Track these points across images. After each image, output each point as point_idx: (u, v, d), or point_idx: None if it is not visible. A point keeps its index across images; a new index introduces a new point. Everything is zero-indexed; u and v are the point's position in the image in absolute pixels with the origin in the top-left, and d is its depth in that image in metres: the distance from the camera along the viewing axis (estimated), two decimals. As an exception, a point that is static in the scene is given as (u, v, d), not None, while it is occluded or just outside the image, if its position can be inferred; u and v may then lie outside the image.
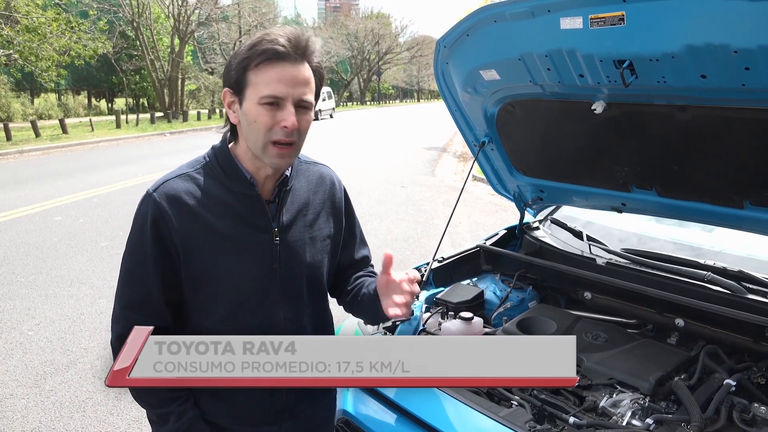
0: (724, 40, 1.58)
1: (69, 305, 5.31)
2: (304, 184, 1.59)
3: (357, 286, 1.69)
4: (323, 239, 1.60)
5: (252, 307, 1.49)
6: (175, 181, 1.46)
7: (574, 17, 1.79)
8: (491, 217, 8.88)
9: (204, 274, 1.46)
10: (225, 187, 1.47)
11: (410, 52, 74.00)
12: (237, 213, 1.47)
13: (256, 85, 1.37)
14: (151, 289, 1.45)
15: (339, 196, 1.67)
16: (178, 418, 1.46)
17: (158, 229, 1.43)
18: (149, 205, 1.44)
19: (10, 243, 7.28)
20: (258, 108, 1.37)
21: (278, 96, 1.35)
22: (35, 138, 19.97)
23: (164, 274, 1.45)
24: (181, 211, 1.43)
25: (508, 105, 2.44)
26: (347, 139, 22.22)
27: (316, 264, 1.57)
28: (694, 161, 2.14)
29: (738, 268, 2.25)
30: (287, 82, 1.36)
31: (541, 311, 2.42)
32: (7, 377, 4.06)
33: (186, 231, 1.43)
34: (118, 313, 1.49)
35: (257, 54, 1.36)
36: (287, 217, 1.52)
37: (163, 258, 1.44)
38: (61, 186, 11.20)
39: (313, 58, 1.42)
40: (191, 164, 1.51)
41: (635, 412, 1.79)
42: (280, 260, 1.50)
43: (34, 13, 17.67)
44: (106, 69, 33.80)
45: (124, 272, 1.49)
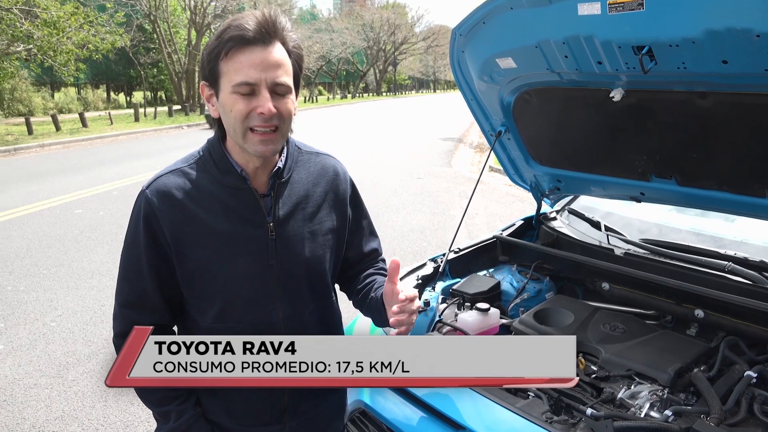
0: (746, 24, 1.54)
1: (90, 297, 5.39)
2: (303, 175, 1.52)
3: (367, 286, 1.64)
4: (325, 233, 1.53)
5: (248, 305, 1.45)
6: (168, 177, 1.43)
7: (592, 3, 1.76)
8: (508, 207, 8.83)
9: (197, 270, 1.43)
10: (217, 181, 1.43)
11: (426, 42, 73.63)
12: (230, 208, 1.42)
13: (228, 74, 1.32)
14: (147, 286, 1.43)
15: (343, 188, 1.60)
16: (177, 417, 1.45)
17: (150, 225, 1.41)
18: (142, 201, 1.42)
19: (32, 235, 7.41)
20: (232, 97, 1.32)
21: (250, 82, 1.30)
22: (56, 132, 20.28)
23: (159, 271, 1.43)
24: (172, 207, 1.40)
25: (524, 93, 2.41)
26: (363, 131, 22.21)
27: (317, 259, 1.51)
28: (714, 149, 2.09)
29: (760, 259, 2.21)
30: (258, 66, 1.30)
31: (559, 302, 2.40)
32: (31, 367, 4.14)
33: (177, 227, 1.40)
34: (117, 310, 1.48)
35: (225, 41, 1.31)
36: (284, 210, 1.46)
37: (156, 255, 1.42)
38: (82, 179, 11.37)
39: (286, 38, 1.35)
40: (186, 159, 1.48)
41: (654, 403, 1.77)
42: (277, 256, 1.45)
43: (53, 8, 17.85)
44: (124, 62, 34.18)
45: (121, 270, 1.48)
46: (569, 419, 1.75)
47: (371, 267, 1.71)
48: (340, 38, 55.27)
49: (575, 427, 1.70)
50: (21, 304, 5.23)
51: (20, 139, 18.09)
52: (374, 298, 1.57)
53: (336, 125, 23.38)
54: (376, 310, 1.55)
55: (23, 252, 6.74)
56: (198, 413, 1.49)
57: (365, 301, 1.61)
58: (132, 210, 1.46)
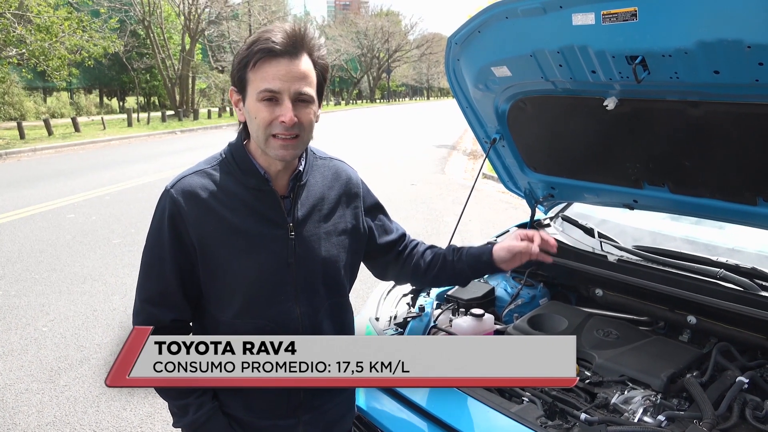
0: (738, 36, 1.57)
1: (82, 302, 5.36)
2: (319, 179, 1.60)
3: (436, 256, 1.78)
4: (339, 234, 1.60)
5: (268, 301, 1.51)
6: (192, 178, 1.49)
7: (586, 13, 1.79)
8: (502, 214, 8.86)
9: (220, 268, 1.48)
10: (240, 182, 1.50)
11: (420, 49, 73.88)
12: (252, 208, 1.49)
13: (255, 82, 1.40)
14: (169, 283, 1.48)
15: (356, 191, 1.68)
16: (197, 409, 1.48)
17: (175, 224, 1.46)
18: (167, 201, 1.48)
19: (24, 240, 7.36)
20: (257, 104, 1.40)
21: (274, 90, 1.38)
22: (48, 136, 20.16)
23: (182, 269, 1.48)
24: (197, 207, 1.46)
25: (519, 102, 2.43)
26: (356, 137, 22.22)
27: (331, 258, 1.57)
28: (706, 158, 2.12)
29: (751, 266, 2.24)
30: (283, 77, 1.38)
31: (552, 308, 2.42)
32: (22, 372, 4.11)
33: (202, 226, 1.46)
34: (138, 306, 1.53)
35: (254, 53, 1.39)
36: (302, 212, 1.54)
37: (180, 253, 1.47)
38: (74, 184, 11.31)
39: (314, 51, 1.43)
40: (208, 161, 1.55)
41: (647, 409, 1.79)
42: (296, 255, 1.51)
43: (46, 13, 17.79)
44: (117, 68, 34.02)
45: (144, 267, 1.53)
46: (563, 424, 1.76)
47: (410, 246, 1.82)
48: (334, 45, 55.35)
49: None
50: (12, 309, 5.20)
51: (12, 144, 17.99)
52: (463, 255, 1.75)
53: (330, 131, 23.37)
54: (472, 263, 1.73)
55: (15, 256, 6.70)
56: (216, 406, 1.52)
57: (453, 263, 1.75)
58: (155, 209, 1.51)
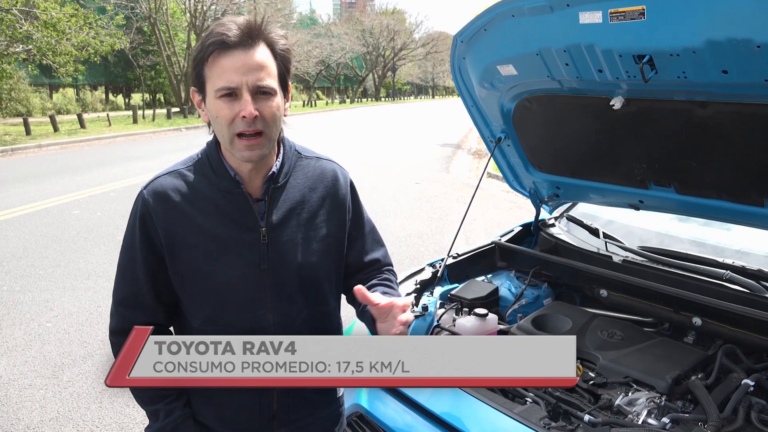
0: (747, 35, 1.55)
1: (86, 298, 5.37)
2: (301, 180, 1.51)
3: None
4: (320, 239, 1.50)
5: (239, 309, 1.45)
6: (165, 178, 1.45)
7: (593, 11, 1.77)
8: (506, 214, 8.84)
9: (189, 271, 1.44)
10: (213, 184, 1.44)
11: (425, 48, 73.70)
12: (223, 211, 1.43)
13: (212, 79, 1.33)
14: (141, 285, 1.45)
15: (343, 193, 1.57)
16: (166, 415, 1.46)
17: (146, 226, 1.43)
18: (139, 202, 1.44)
19: (29, 236, 7.39)
20: (216, 102, 1.32)
21: (231, 86, 1.30)
22: (54, 132, 20.24)
23: (153, 272, 1.45)
24: (167, 209, 1.42)
25: (525, 100, 2.42)
26: (361, 136, 22.22)
27: (310, 265, 1.48)
28: (713, 158, 2.11)
29: (758, 268, 2.22)
30: (239, 69, 1.30)
31: (557, 308, 2.40)
32: (26, 368, 4.12)
33: (171, 228, 1.42)
34: (113, 308, 1.51)
35: (207, 47, 1.31)
36: (277, 216, 1.45)
37: (151, 255, 1.44)
38: (79, 180, 11.34)
39: (272, 40, 1.35)
40: (185, 161, 1.50)
41: (651, 410, 1.78)
42: (269, 260, 1.44)
43: (53, 9, 17.84)
44: (123, 65, 34.08)
45: (119, 268, 1.50)
46: (567, 425, 1.75)
47: (374, 277, 1.65)
48: (339, 43, 55.32)
49: (573, 433, 1.71)
50: (17, 305, 5.21)
51: (18, 140, 18.05)
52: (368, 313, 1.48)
53: (335, 130, 23.40)
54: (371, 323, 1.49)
55: (20, 252, 6.72)
56: (187, 413, 1.49)
57: (364, 313, 1.53)
58: (131, 211, 1.48)
